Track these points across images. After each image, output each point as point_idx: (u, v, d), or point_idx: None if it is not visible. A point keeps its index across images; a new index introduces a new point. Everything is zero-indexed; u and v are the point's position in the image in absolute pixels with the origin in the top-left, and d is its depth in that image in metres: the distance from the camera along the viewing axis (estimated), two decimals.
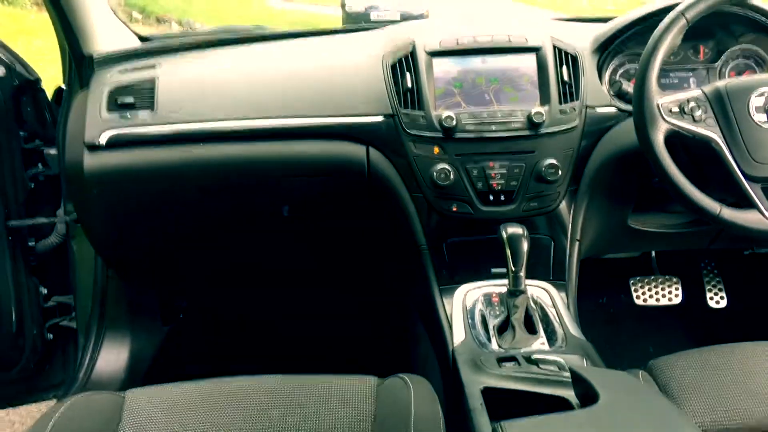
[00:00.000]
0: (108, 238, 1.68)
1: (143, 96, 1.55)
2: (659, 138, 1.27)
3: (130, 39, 1.81)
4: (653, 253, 2.05)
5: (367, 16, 13.36)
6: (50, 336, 1.90)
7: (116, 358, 1.84)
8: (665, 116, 1.27)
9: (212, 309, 2.18)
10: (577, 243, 1.54)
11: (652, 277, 2.02)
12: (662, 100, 1.28)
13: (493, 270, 1.47)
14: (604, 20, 1.75)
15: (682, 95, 1.30)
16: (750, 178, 1.26)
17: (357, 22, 13.56)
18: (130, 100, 1.54)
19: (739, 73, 1.60)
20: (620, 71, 1.60)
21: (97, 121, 1.52)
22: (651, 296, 1.99)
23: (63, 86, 1.79)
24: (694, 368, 1.20)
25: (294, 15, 17.01)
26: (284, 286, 2.12)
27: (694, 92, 1.31)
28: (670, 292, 1.99)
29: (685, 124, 1.28)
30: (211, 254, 1.85)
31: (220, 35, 1.82)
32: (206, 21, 13.27)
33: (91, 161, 1.51)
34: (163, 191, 1.59)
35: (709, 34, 1.59)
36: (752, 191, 1.26)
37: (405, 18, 14.52)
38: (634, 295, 2.00)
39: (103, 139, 1.50)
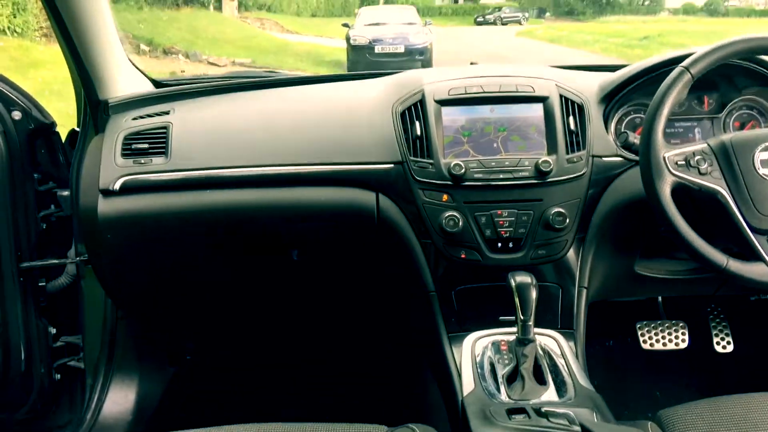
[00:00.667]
0: (119, 281, 1.69)
1: (157, 142, 1.58)
2: (666, 190, 1.29)
3: (144, 83, 1.84)
4: (659, 298, 2.06)
5: (372, 49, 13.58)
6: (58, 376, 1.90)
7: (124, 399, 1.85)
8: (672, 169, 1.30)
9: (219, 351, 2.19)
10: (585, 291, 1.55)
11: (659, 322, 2.02)
12: (669, 153, 1.31)
13: (501, 317, 1.48)
14: (609, 68, 1.79)
15: (688, 148, 1.32)
16: (756, 231, 1.28)
17: (362, 54, 13.75)
18: (144, 145, 1.57)
19: (743, 124, 1.63)
20: (626, 120, 1.63)
21: (111, 167, 1.54)
22: (657, 340, 1.99)
23: (77, 129, 1.82)
24: (705, 420, 1.20)
25: (299, 47, 17.26)
26: (292, 330, 2.12)
27: (700, 145, 1.33)
28: (676, 337, 2.00)
29: (692, 177, 1.30)
30: (220, 297, 1.86)
31: (233, 81, 1.86)
32: (212, 52, 13.45)
33: (105, 206, 1.53)
34: (175, 235, 1.61)
35: (713, 85, 1.62)
36: (758, 243, 1.27)
37: (409, 51, 14.59)
38: (641, 339, 2.01)
39: (117, 185, 1.53)
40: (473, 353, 1.42)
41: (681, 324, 2.01)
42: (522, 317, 1.31)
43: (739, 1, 34.76)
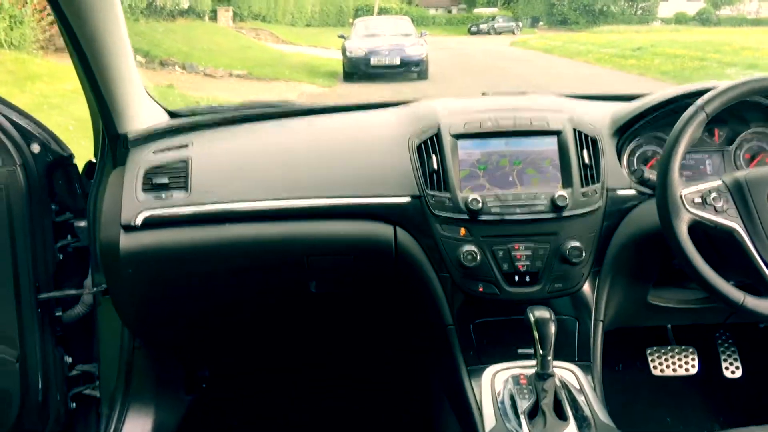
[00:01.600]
0: (139, 313, 1.71)
1: (177, 176, 1.60)
2: (683, 228, 1.31)
3: (160, 113, 1.86)
4: (669, 324, 2.09)
5: (368, 60, 13.65)
6: (73, 405, 1.91)
7: (141, 428, 1.86)
8: (688, 207, 1.32)
9: (235, 379, 2.20)
10: (601, 324, 1.57)
11: (669, 348, 2.05)
12: (685, 191, 1.33)
13: (520, 350, 1.49)
14: (619, 98, 1.82)
15: (703, 186, 1.35)
16: None
17: (357, 66, 13.81)
18: (164, 180, 1.59)
19: (754, 156, 1.65)
20: (638, 152, 1.65)
21: (133, 202, 1.56)
22: (668, 366, 2.01)
23: (93, 160, 1.83)
24: None
25: (294, 57, 17.32)
26: (308, 359, 2.14)
27: (715, 182, 1.36)
28: (686, 363, 2.02)
29: (708, 215, 1.32)
30: (238, 326, 1.88)
31: (248, 111, 1.88)
32: (209, 64, 13.49)
33: (127, 242, 1.55)
34: (195, 269, 1.63)
35: (723, 119, 1.64)
36: None
37: (405, 62, 14.64)
38: (651, 365, 2.03)
39: (139, 220, 1.54)
40: (493, 388, 1.43)
41: (691, 350, 2.04)
42: (541, 352, 1.32)
43: (730, 10, 35.05)
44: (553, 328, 1.31)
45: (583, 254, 1.49)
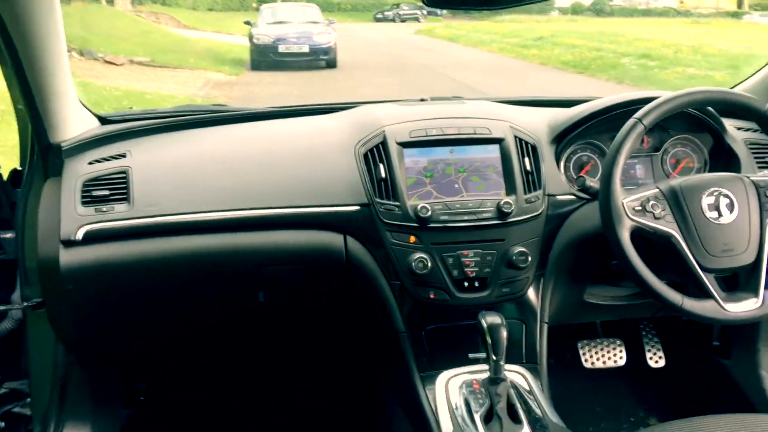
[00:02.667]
0: (78, 328, 1.64)
1: (118, 188, 1.54)
2: (626, 235, 1.38)
3: (90, 120, 1.78)
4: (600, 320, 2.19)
5: (276, 48, 13.45)
6: (2, 424, 1.82)
7: None
8: (630, 214, 1.39)
9: (174, 390, 2.15)
10: (546, 325, 1.63)
11: (598, 341, 2.15)
12: (627, 199, 1.40)
13: (471, 355, 1.53)
14: (555, 104, 1.88)
15: (643, 194, 1.42)
16: (705, 269, 1.39)
17: (265, 54, 13.58)
18: (104, 192, 1.53)
19: (679, 161, 1.75)
20: (573, 159, 1.72)
21: (72, 216, 1.50)
22: (598, 359, 2.12)
23: (19, 168, 1.74)
24: None
25: (198, 44, 16.86)
26: (253, 369, 2.11)
27: (653, 190, 1.44)
28: (615, 354, 2.13)
29: (647, 222, 1.40)
30: (181, 337, 1.83)
31: (184, 116, 1.82)
32: (108, 50, 12.92)
33: (67, 257, 1.48)
34: (140, 283, 1.58)
35: (650, 128, 1.73)
36: (707, 281, 1.39)
37: (314, 50, 14.48)
38: (583, 358, 2.12)
39: (79, 235, 1.48)
40: (447, 394, 1.47)
41: (618, 342, 2.15)
42: (494, 357, 1.36)
43: (623, 1, 36.61)
44: (504, 333, 1.36)
45: (529, 259, 1.54)
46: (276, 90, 10.85)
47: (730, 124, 1.75)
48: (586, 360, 2.12)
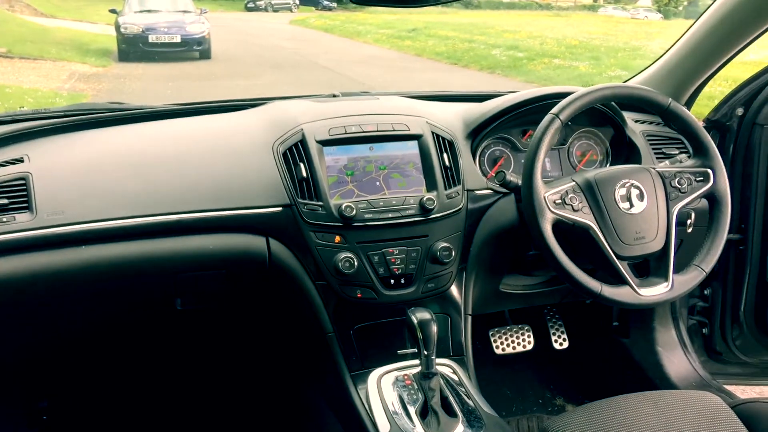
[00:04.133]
0: None
1: (17, 196, 1.42)
2: (548, 227, 1.43)
3: None
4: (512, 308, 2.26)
5: (146, 38, 12.90)
6: None
7: None
8: (551, 207, 1.44)
9: (80, 406, 2.01)
10: (470, 318, 1.67)
11: (508, 327, 2.22)
12: (547, 193, 1.45)
13: (400, 351, 1.54)
14: (467, 98, 1.92)
15: (561, 187, 1.47)
16: (620, 257, 1.47)
17: (134, 44, 12.98)
18: (2, 201, 1.41)
19: (584, 153, 1.84)
20: (487, 153, 1.76)
21: None
22: (508, 345, 2.19)
23: None
24: (588, 428, 1.33)
25: (59, 33, 15.87)
26: (172, 381, 2.01)
27: (570, 183, 1.49)
28: (524, 340, 2.21)
29: (567, 214, 1.45)
30: (89, 351, 1.72)
31: (81, 116, 1.71)
32: None
33: None
34: (48, 296, 1.47)
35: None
36: (622, 269, 1.46)
37: (186, 41, 13.98)
38: (494, 345, 2.19)
39: None
40: (380, 391, 1.47)
41: (526, 328, 2.23)
42: (426, 352, 1.38)
43: None
44: (435, 328, 1.38)
45: (453, 254, 1.57)
46: (153, 85, 10.35)
47: (628, 117, 1.86)
48: (497, 347, 2.19)
